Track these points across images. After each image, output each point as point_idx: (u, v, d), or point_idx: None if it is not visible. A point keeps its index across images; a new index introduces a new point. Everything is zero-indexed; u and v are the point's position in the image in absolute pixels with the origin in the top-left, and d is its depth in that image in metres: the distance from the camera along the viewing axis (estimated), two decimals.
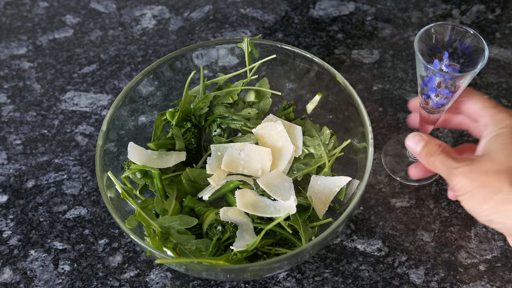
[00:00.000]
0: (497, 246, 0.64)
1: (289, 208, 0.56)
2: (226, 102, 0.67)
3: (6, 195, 0.70)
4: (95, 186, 0.71)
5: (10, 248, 0.66)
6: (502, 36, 0.85)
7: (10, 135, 0.76)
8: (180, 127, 0.65)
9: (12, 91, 0.82)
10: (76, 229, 0.67)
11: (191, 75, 0.64)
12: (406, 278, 0.62)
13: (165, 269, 0.63)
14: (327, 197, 0.60)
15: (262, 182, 0.58)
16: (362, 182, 0.56)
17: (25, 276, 0.63)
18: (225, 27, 0.89)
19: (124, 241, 0.66)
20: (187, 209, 0.60)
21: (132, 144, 0.61)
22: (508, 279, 0.61)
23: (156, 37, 0.88)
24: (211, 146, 0.63)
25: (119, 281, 0.62)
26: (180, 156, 0.62)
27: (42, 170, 0.72)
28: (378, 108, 0.77)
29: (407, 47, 0.84)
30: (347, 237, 0.65)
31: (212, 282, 0.62)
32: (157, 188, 0.59)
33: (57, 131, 0.76)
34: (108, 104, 0.79)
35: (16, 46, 0.88)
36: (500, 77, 0.80)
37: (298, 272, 0.63)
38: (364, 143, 0.59)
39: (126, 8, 0.93)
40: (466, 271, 0.62)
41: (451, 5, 0.90)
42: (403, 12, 0.89)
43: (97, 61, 0.85)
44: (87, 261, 0.64)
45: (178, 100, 0.69)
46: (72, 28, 0.90)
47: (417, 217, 0.66)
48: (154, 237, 0.55)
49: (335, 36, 0.86)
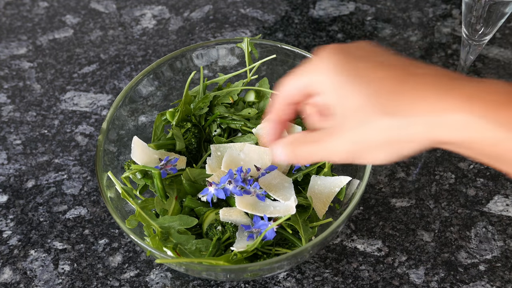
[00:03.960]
0: (497, 246, 0.64)
1: (289, 208, 0.56)
2: (226, 102, 0.67)
3: (6, 195, 0.70)
4: (95, 186, 0.71)
5: (10, 248, 0.66)
6: (502, 36, 0.85)
7: (10, 135, 0.76)
8: (180, 127, 0.65)
9: (12, 91, 0.82)
10: (76, 229, 0.67)
11: (191, 75, 0.64)
12: (406, 278, 0.62)
13: (165, 269, 0.63)
14: (327, 197, 0.60)
15: (262, 182, 0.58)
16: (362, 182, 0.56)
17: (25, 276, 0.63)
18: (225, 27, 0.89)
19: (124, 241, 0.66)
20: (187, 209, 0.60)
21: (136, 139, 0.60)
22: (508, 279, 0.61)
23: (156, 37, 0.88)
24: (211, 146, 0.63)
25: (119, 281, 0.62)
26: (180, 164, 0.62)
27: (42, 170, 0.72)
28: None
29: (407, 47, 0.84)
30: (347, 237, 0.65)
31: (212, 282, 0.62)
32: (157, 188, 0.59)
33: (57, 131, 0.76)
34: (108, 104, 0.79)
35: (16, 46, 0.88)
36: (500, 77, 0.80)
37: (298, 272, 0.63)
38: None
39: (126, 8, 0.93)
40: (466, 271, 0.62)
41: (451, 5, 0.90)
42: (403, 12, 0.89)
43: (97, 61, 0.85)
44: (87, 261, 0.64)
45: (178, 100, 0.69)
46: (72, 28, 0.90)
47: (417, 217, 0.66)
48: (154, 237, 0.55)
49: (335, 36, 0.86)
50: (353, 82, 0.37)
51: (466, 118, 0.33)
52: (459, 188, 0.69)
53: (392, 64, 0.38)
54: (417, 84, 0.36)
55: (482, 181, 0.69)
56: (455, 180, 0.69)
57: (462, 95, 0.34)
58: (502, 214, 0.66)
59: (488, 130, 0.33)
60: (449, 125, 0.34)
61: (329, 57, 0.39)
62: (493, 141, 0.33)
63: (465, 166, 0.71)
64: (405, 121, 0.35)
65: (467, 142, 0.34)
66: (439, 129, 0.34)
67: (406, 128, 0.35)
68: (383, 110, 0.36)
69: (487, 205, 0.67)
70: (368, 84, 0.37)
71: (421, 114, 0.35)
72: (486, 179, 0.69)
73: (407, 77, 0.36)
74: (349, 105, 0.37)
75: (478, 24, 0.64)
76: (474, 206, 0.67)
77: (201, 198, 0.59)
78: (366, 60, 0.38)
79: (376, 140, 0.37)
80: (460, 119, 0.34)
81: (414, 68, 0.37)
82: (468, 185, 0.69)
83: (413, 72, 0.37)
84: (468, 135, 0.34)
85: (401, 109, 0.35)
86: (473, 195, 0.68)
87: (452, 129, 0.34)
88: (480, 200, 0.68)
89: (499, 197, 0.68)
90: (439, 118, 0.34)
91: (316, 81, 0.40)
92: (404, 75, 0.36)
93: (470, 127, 0.33)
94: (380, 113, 0.36)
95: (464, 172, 0.70)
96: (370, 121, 0.36)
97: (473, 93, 0.34)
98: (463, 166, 0.71)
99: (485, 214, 0.66)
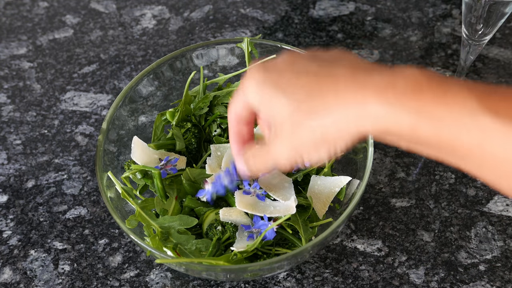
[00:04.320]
0: (497, 246, 0.64)
1: (289, 208, 0.56)
2: (226, 102, 0.67)
3: (6, 195, 0.70)
4: (95, 186, 0.71)
5: (10, 248, 0.66)
6: (502, 36, 0.85)
7: (10, 135, 0.76)
8: (180, 127, 0.65)
9: (12, 91, 0.82)
10: (76, 229, 0.67)
11: (191, 75, 0.64)
12: (406, 278, 0.62)
13: (165, 269, 0.63)
14: (327, 197, 0.60)
15: (262, 182, 0.58)
16: (362, 182, 0.56)
17: (25, 276, 0.63)
18: (225, 27, 0.89)
19: (124, 241, 0.66)
20: (187, 209, 0.60)
21: (136, 139, 0.61)
22: (508, 279, 0.61)
23: (156, 37, 0.88)
24: (211, 146, 0.63)
25: (119, 281, 0.62)
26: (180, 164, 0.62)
27: (42, 170, 0.72)
28: None
29: (407, 47, 0.84)
30: (347, 237, 0.65)
31: (212, 282, 0.62)
32: (157, 188, 0.59)
33: (57, 131, 0.76)
34: (108, 104, 0.79)
35: (16, 46, 0.88)
36: (500, 77, 0.80)
37: (298, 272, 0.63)
38: (364, 143, 0.59)
39: (126, 8, 0.93)
40: (466, 271, 0.62)
41: (451, 5, 0.90)
42: (403, 12, 0.89)
43: (97, 61, 0.85)
44: (87, 261, 0.64)
45: (178, 100, 0.69)
46: (72, 28, 0.90)
47: (417, 217, 0.66)
48: (154, 237, 0.55)
49: (335, 36, 0.86)
50: (279, 94, 0.41)
51: (382, 108, 0.36)
52: (459, 188, 0.69)
53: (310, 71, 0.41)
54: (335, 83, 0.39)
55: (482, 181, 0.69)
56: (455, 180, 0.69)
57: (376, 87, 0.37)
58: (502, 214, 0.66)
59: (402, 117, 0.35)
60: (369, 116, 0.37)
61: (253, 76, 0.43)
62: (409, 127, 0.36)
63: None
64: (331, 119, 0.38)
65: (389, 130, 0.37)
66: (362, 121, 0.37)
67: (333, 125, 0.38)
68: (310, 113, 0.39)
69: (487, 205, 0.67)
70: (292, 93, 0.40)
71: (343, 109, 0.38)
72: None
73: (324, 79, 0.40)
74: (281, 114, 0.41)
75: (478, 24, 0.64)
76: (474, 206, 0.67)
77: (201, 198, 0.59)
78: (286, 72, 0.42)
79: (311, 140, 0.40)
80: (377, 110, 0.36)
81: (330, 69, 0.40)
82: (468, 185, 0.69)
83: (329, 73, 0.40)
84: (386, 123, 0.36)
85: (325, 108, 0.39)
86: (473, 195, 0.68)
87: (373, 120, 0.37)
88: (480, 200, 0.68)
89: (499, 197, 0.68)
90: (359, 111, 0.37)
91: (250, 99, 0.44)
92: (322, 78, 0.40)
93: (387, 116, 0.36)
94: (308, 116, 0.39)
95: (464, 172, 0.70)
96: (301, 124, 0.40)
97: (387, 83, 0.36)
98: None
99: (485, 214, 0.66)
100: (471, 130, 0.34)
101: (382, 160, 0.71)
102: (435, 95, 0.35)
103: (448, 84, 0.35)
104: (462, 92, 0.34)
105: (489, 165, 0.35)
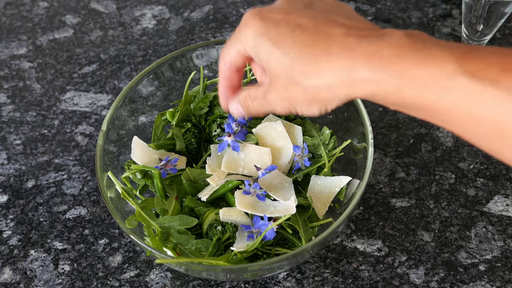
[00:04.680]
0: (497, 246, 0.64)
1: (289, 208, 0.56)
2: None
3: (6, 195, 0.70)
4: (95, 186, 0.71)
5: (10, 248, 0.66)
6: (502, 36, 0.85)
7: (10, 135, 0.76)
8: (180, 127, 0.65)
9: (12, 91, 0.82)
10: (76, 229, 0.67)
11: (192, 75, 0.64)
12: (406, 278, 0.62)
13: (165, 269, 0.63)
14: (327, 197, 0.60)
15: (262, 182, 0.58)
16: (362, 182, 0.56)
17: (25, 276, 0.63)
18: (225, 27, 0.89)
19: (124, 241, 0.66)
20: (187, 209, 0.60)
21: (136, 139, 0.61)
22: (508, 279, 0.61)
23: (156, 37, 0.88)
24: (211, 146, 0.63)
25: (119, 281, 0.62)
26: (180, 164, 0.62)
27: (42, 170, 0.72)
28: (378, 108, 0.77)
29: None
30: (347, 237, 0.65)
31: (212, 282, 0.62)
32: (157, 188, 0.59)
33: (57, 131, 0.76)
34: (108, 104, 0.79)
35: (16, 46, 0.88)
36: None
37: (298, 272, 0.63)
38: (364, 143, 0.59)
39: (126, 8, 0.93)
40: (466, 271, 0.62)
41: (451, 5, 0.90)
42: (403, 12, 0.89)
43: (97, 61, 0.85)
44: (87, 261, 0.64)
45: (178, 100, 0.69)
46: (72, 28, 0.90)
47: (417, 217, 0.66)
48: (154, 237, 0.55)
49: None
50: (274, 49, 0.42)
51: (369, 74, 0.38)
52: (459, 188, 0.69)
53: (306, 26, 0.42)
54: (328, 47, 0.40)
55: (482, 181, 0.69)
56: (455, 180, 0.69)
57: (364, 53, 0.38)
58: (502, 214, 0.66)
59: (387, 82, 0.37)
60: (357, 81, 0.39)
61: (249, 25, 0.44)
62: (394, 91, 0.37)
63: (465, 166, 0.71)
64: (322, 81, 0.40)
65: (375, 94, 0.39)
66: (351, 85, 0.39)
67: (324, 87, 0.40)
68: (304, 73, 0.41)
69: (487, 205, 0.67)
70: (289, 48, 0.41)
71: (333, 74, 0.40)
72: (486, 179, 0.69)
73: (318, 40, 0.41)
74: (277, 66, 0.42)
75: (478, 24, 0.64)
76: (474, 206, 0.67)
77: (201, 198, 0.59)
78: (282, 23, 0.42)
79: (303, 98, 0.42)
80: (364, 75, 0.38)
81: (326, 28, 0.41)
82: (468, 185, 0.69)
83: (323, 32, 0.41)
84: (373, 88, 0.38)
85: (318, 71, 0.40)
86: (473, 195, 0.68)
87: (360, 85, 0.39)
88: (480, 200, 0.68)
89: (499, 197, 0.68)
90: (348, 76, 0.39)
91: (246, 47, 0.45)
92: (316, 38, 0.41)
93: (374, 81, 0.38)
94: (303, 76, 0.41)
95: (464, 172, 0.70)
96: (294, 82, 0.42)
97: (374, 50, 0.38)
98: (463, 166, 0.71)
99: (485, 214, 0.66)
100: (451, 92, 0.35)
101: (382, 160, 0.71)
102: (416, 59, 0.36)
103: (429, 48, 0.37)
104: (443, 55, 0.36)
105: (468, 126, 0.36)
